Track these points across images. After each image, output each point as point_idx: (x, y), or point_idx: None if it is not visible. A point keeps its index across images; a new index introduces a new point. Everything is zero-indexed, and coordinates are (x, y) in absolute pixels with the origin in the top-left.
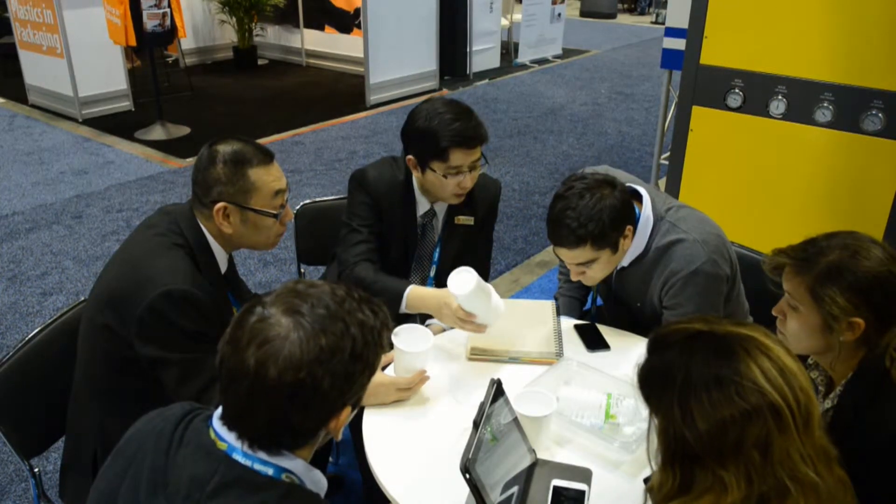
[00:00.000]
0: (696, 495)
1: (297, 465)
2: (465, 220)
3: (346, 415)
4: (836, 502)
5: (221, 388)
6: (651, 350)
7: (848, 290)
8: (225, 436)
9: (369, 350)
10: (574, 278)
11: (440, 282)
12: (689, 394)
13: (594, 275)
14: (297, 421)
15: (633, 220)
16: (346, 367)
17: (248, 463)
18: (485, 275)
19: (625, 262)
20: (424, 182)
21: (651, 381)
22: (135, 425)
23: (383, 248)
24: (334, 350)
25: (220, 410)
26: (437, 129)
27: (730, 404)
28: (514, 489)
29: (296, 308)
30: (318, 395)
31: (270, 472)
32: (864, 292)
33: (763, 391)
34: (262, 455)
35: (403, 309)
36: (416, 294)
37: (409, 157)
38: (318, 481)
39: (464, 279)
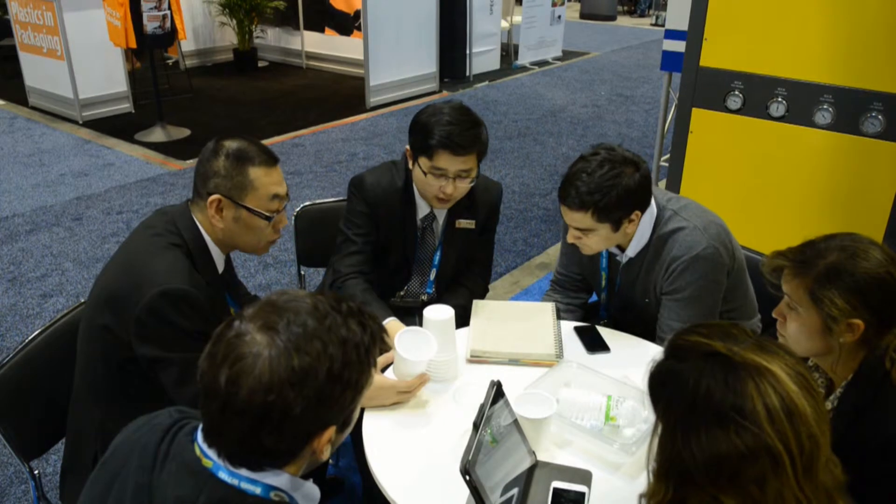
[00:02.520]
0: None
1: (282, 481)
2: (465, 223)
3: (330, 435)
4: None
5: (200, 404)
6: (667, 355)
7: (847, 292)
8: (208, 452)
9: (351, 370)
10: (570, 240)
11: (440, 285)
12: (689, 422)
13: (590, 244)
14: (270, 443)
15: (644, 207)
16: (321, 389)
17: (234, 482)
18: (486, 277)
19: (631, 253)
20: (414, 177)
21: (659, 389)
22: (122, 433)
23: (383, 252)
24: (308, 372)
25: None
26: (431, 126)
27: (727, 443)
28: (514, 491)
29: (272, 325)
30: (290, 419)
31: (258, 490)
32: (863, 294)
33: (763, 435)
34: (246, 472)
35: None
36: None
37: (408, 147)
38: (308, 494)
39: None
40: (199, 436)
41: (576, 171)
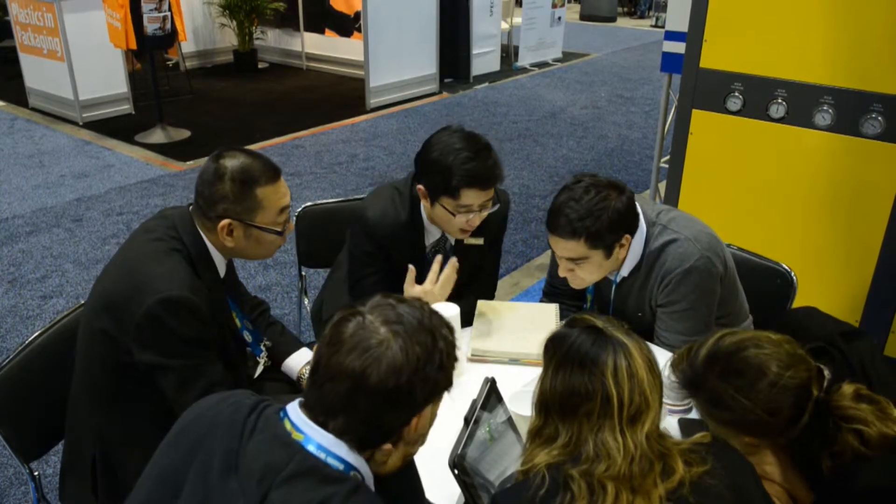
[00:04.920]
0: (542, 439)
1: (361, 464)
2: (474, 240)
3: (429, 415)
4: (636, 479)
5: (315, 384)
6: (566, 324)
7: (725, 424)
8: (303, 427)
9: (451, 363)
10: (561, 274)
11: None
12: (561, 364)
13: (583, 275)
14: (388, 420)
15: (633, 231)
16: (435, 375)
17: (321, 455)
18: (493, 283)
19: (624, 272)
20: (433, 214)
21: (550, 343)
22: (193, 409)
23: (395, 276)
24: (427, 360)
25: (297, 402)
26: (450, 166)
27: (580, 381)
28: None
29: (392, 319)
30: (411, 399)
31: (341, 467)
32: (741, 427)
33: (605, 382)
34: (338, 450)
35: None
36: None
37: (420, 187)
38: (371, 485)
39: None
40: (292, 412)
41: (563, 199)
